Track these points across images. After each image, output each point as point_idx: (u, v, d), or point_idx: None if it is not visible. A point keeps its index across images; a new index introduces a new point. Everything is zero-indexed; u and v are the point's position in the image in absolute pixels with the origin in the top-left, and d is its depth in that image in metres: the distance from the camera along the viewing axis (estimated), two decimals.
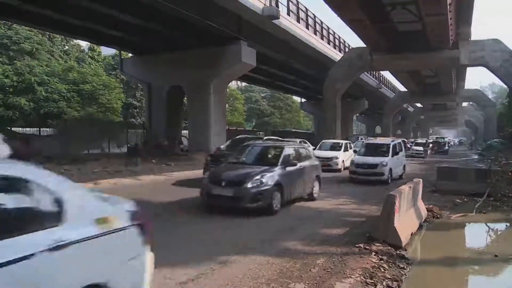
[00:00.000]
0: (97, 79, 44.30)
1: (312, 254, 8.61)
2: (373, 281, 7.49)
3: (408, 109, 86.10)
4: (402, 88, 68.93)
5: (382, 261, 8.55)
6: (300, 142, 23.89)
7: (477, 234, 13.16)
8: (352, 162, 21.88)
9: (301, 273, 7.46)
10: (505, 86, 44.62)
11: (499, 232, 13.46)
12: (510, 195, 16.21)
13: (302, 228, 10.77)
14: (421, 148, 46.98)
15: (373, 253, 8.83)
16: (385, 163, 20.69)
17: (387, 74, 66.26)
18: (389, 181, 20.37)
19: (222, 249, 8.47)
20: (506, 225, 14.10)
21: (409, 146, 46.01)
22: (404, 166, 24.46)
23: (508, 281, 9.10)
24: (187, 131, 32.88)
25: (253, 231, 10.32)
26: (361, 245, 9.25)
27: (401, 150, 23.98)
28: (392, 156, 21.64)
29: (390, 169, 20.98)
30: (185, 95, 32.69)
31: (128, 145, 31.55)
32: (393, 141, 23.36)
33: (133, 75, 34.98)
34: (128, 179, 19.30)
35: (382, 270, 8.11)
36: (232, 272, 7.29)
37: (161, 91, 31.71)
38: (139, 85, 46.21)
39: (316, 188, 15.40)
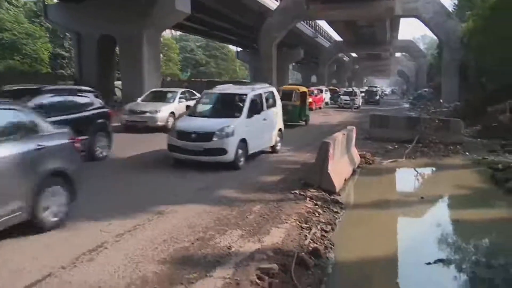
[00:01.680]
0: (18, 27, 40.27)
1: (248, 202, 8.66)
2: (308, 225, 7.66)
3: (344, 58, 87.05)
4: (337, 37, 69.42)
5: (317, 206, 8.73)
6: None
7: (406, 179, 13.71)
8: (173, 128, 12.34)
9: (238, 220, 7.52)
10: (436, 38, 45.81)
11: (426, 176, 14.07)
12: (437, 141, 16.90)
13: (239, 176, 10.80)
14: (348, 98, 42.64)
15: (308, 199, 9.00)
16: (229, 131, 11.47)
17: (323, 24, 66.36)
18: (239, 162, 11.73)
19: (159, 200, 8.35)
20: (432, 170, 14.76)
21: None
22: (280, 132, 14.90)
23: (431, 220, 9.59)
24: (121, 82, 31.72)
25: (193, 182, 10.16)
26: (296, 192, 9.40)
27: (274, 106, 14.57)
28: (250, 116, 12.44)
29: (243, 142, 11.88)
30: (117, 45, 31.42)
31: None
32: (253, 89, 13.62)
33: (59, 23, 32.83)
34: None
35: (317, 215, 8.30)
36: (169, 222, 7.23)
37: (91, 40, 30.13)
38: (67, 34, 43.25)
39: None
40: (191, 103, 18.40)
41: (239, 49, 66.41)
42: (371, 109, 33.42)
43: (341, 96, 44.05)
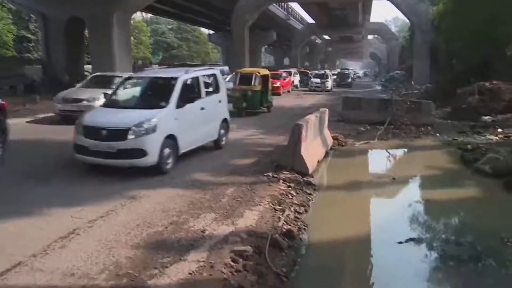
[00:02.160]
0: None
1: (221, 185, 8.65)
2: (281, 207, 7.69)
3: (316, 41, 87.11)
4: (310, 20, 69.32)
5: (290, 188, 8.78)
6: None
7: (378, 160, 13.85)
8: (80, 123, 9.50)
9: (211, 204, 7.50)
10: (407, 20, 46.21)
11: (397, 157, 14.24)
12: (408, 123, 17.13)
13: (211, 160, 10.75)
14: (319, 81, 40.87)
15: (281, 181, 9.03)
16: (149, 126, 9.03)
17: (295, 6, 66.14)
18: (166, 165, 9.34)
19: (132, 185, 8.26)
20: (404, 151, 14.96)
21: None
22: (225, 123, 12.33)
23: (402, 200, 9.72)
24: (91, 66, 30.99)
25: None
26: (270, 174, 9.41)
27: (216, 92, 12.16)
28: (181, 105, 9.87)
29: (171, 139, 9.45)
30: (86, 28, 30.68)
31: (24, 83, 28.86)
32: (187, 72, 11.11)
33: (22, 4, 31.81)
34: (28, 119, 17.89)
35: (290, 197, 8.35)
36: (142, 206, 7.18)
37: (58, 23, 29.27)
38: (32, 15, 41.64)
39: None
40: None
41: (211, 31, 65.77)
42: (343, 91, 33.51)
43: (312, 79, 42.24)
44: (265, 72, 21.76)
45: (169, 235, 6.11)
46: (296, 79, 43.61)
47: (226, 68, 32.77)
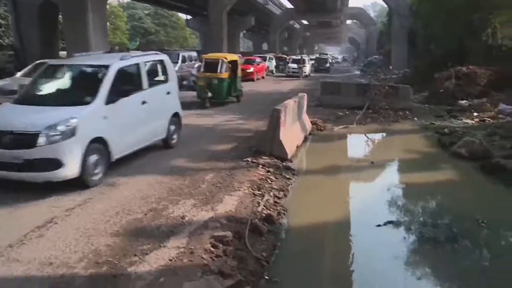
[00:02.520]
0: None
1: (200, 171, 8.61)
2: (261, 192, 7.71)
3: (295, 26, 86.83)
4: (289, 5, 69.06)
5: (269, 173, 8.80)
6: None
7: (356, 144, 13.95)
8: None
9: (191, 190, 7.47)
10: (386, 5, 46.33)
11: (376, 142, 14.39)
12: (387, 107, 17.25)
13: (190, 146, 10.67)
14: (296, 66, 38.62)
15: (260, 166, 9.04)
16: (66, 129, 7.11)
17: None
18: (92, 176, 7.44)
19: (110, 172, 8.07)
20: (382, 135, 15.09)
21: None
22: (176, 118, 10.45)
23: (381, 184, 9.84)
24: (66, 52, 30.30)
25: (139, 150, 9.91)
26: (249, 159, 9.42)
27: (165, 82, 10.28)
28: (113, 100, 8.00)
29: (99, 143, 7.62)
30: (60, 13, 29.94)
31: None
32: (123, 58, 8.87)
33: None
34: None
35: (269, 182, 8.37)
36: (121, 194, 7.11)
37: (30, 7, 28.53)
38: None
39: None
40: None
41: (189, 17, 65.02)
42: (321, 76, 33.41)
43: (289, 64, 40.09)
44: (233, 57, 19.87)
45: (148, 222, 6.07)
46: (272, 64, 42.35)
47: (194, 54, 30.50)
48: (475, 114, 16.90)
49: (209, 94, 17.49)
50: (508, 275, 5.88)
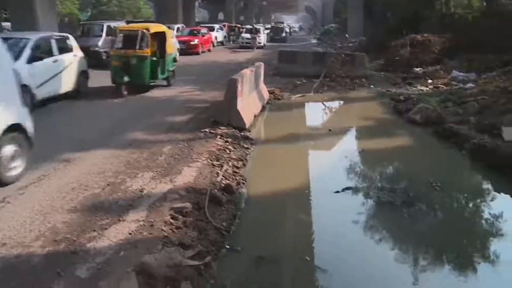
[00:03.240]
0: None
1: (158, 143, 8.52)
2: (219, 162, 7.70)
3: None
4: None
5: (227, 143, 8.79)
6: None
7: (314, 112, 14.04)
8: None
9: (149, 162, 7.39)
10: None
11: (333, 109, 14.52)
12: (343, 75, 17.45)
13: (147, 118, 10.52)
14: (249, 36, 36.02)
15: (219, 137, 9.02)
16: None
17: None
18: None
19: (65, 148, 7.91)
20: (339, 103, 15.22)
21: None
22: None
23: (339, 151, 10.00)
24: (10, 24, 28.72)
25: (94, 125, 9.75)
26: (207, 130, 9.37)
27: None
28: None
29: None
30: None
31: None
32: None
33: None
34: None
35: (228, 152, 8.37)
36: (77, 169, 6.94)
37: None
38: None
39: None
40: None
41: None
42: (277, 46, 32.75)
43: (242, 34, 37.65)
44: (160, 28, 15.06)
45: (106, 196, 5.98)
46: (221, 35, 39.48)
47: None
48: (430, 81, 17.26)
49: (126, 79, 13.03)
50: (460, 235, 6.15)
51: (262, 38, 38.47)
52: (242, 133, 9.61)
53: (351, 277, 4.95)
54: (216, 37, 36.78)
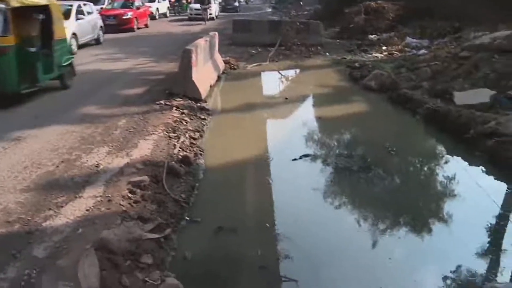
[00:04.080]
0: None
1: (113, 117, 8.34)
2: (176, 134, 7.63)
3: None
4: None
5: (184, 115, 8.71)
6: None
7: (270, 81, 14.04)
8: None
9: (104, 137, 7.24)
10: None
11: (289, 78, 14.54)
12: (299, 43, 17.45)
13: (100, 92, 10.26)
14: (199, 7, 31.57)
15: (174, 108, 8.92)
16: None
17: None
18: None
19: (14, 126, 7.56)
20: (295, 71, 15.25)
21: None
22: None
23: (295, 119, 10.07)
24: None
25: (50, 104, 9.29)
26: (162, 102, 9.24)
27: None
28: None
29: None
30: None
31: None
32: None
33: None
34: None
35: (184, 123, 8.29)
36: (28, 147, 6.68)
37: None
38: None
39: None
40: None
41: None
42: (230, 16, 30.92)
43: (191, 5, 33.91)
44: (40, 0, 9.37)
45: (61, 174, 5.81)
46: (163, 6, 35.26)
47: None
48: (384, 48, 17.49)
49: None
50: (415, 197, 6.34)
51: (214, 9, 34.95)
52: (198, 104, 9.53)
53: (312, 243, 5.03)
54: (158, 9, 32.74)
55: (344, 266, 4.63)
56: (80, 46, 16.21)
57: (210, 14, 31.92)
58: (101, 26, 18.82)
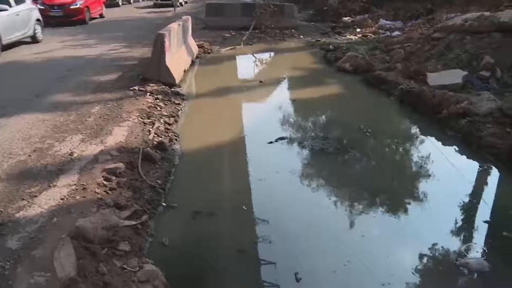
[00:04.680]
0: None
1: (86, 104, 8.20)
2: (151, 120, 7.55)
3: None
4: None
5: (158, 100, 8.62)
6: None
7: (245, 65, 13.98)
8: None
9: (77, 125, 7.11)
10: None
11: (264, 61, 14.50)
12: (273, 26, 17.38)
13: (72, 78, 10.05)
14: None
15: (148, 94, 8.83)
16: None
17: None
18: None
19: None
20: (270, 54, 15.21)
21: None
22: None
23: (271, 102, 10.05)
24: None
25: (22, 90, 9.13)
26: (136, 88, 9.12)
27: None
28: None
29: None
30: None
31: None
32: None
33: None
34: None
35: (159, 109, 8.21)
36: None
37: None
38: None
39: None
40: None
41: None
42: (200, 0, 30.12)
43: None
44: None
45: (34, 163, 5.70)
46: None
47: None
48: (358, 30, 17.58)
49: None
50: (390, 177, 6.42)
51: None
52: (173, 89, 9.45)
53: (289, 225, 5.05)
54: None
55: (321, 247, 4.66)
56: (7, 47, 13.17)
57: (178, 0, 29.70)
58: (38, 20, 15.24)
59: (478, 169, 6.51)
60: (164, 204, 5.26)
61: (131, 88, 9.11)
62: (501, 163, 6.43)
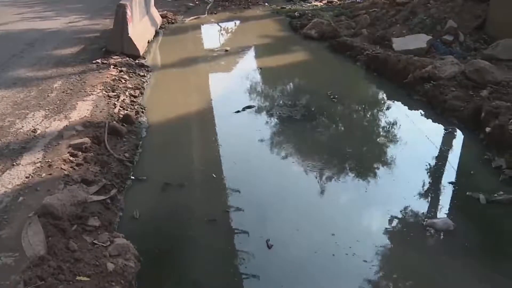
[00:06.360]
0: None
1: (47, 79, 7.95)
2: (115, 93, 7.41)
3: None
4: None
5: (122, 73, 8.45)
6: None
7: (210, 34, 13.74)
8: None
9: (39, 101, 6.91)
10: None
11: (229, 30, 14.28)
12: None
13: (32, 53, 9.69)
14: None
15: (112, 66, 8.63)
16: None
17: None
18: None
19: None
20: (235, 23, 14.98)
21: None
22: None
23: (237, 71, 9.93)
24: None
25: None
26: (99, 61, 8.90)
27: None
28: None
29: None
30: None
31: None
32: None
33: None
34: None
35: (123, 81, 8.06)
36: None
37: None
38: None
39: None
40: None
41: None
42: None
43: None
44: None
45: None
46: None
47: None
48: None
49: None
50: (358, 142, 6.51)
51: None
52: (137, 61, 9.28)
53: (260, 194, 5.10)
54: None
55: (292, 214, 4.71)
56: None
57: None
58: None
59: (443, 132, 6.64)
60: (133, 178, 5.22)
61: (94, 61, 8.87)
62: (464, 125, 6.58)
